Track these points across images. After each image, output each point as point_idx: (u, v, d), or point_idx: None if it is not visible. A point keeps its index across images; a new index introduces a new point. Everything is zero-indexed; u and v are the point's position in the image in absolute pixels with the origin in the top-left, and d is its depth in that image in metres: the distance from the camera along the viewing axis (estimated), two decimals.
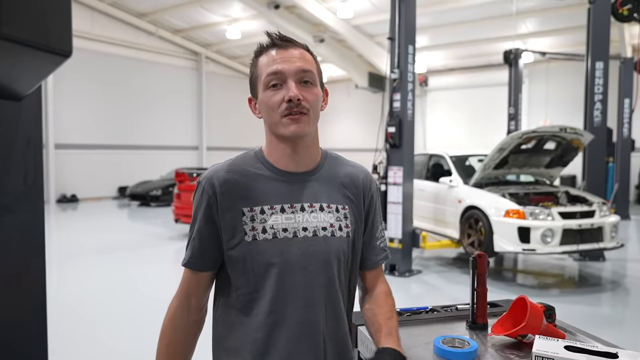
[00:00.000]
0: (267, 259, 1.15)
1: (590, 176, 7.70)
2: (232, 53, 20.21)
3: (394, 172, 6.43)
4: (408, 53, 6.35)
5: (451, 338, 1.29)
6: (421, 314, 1.55)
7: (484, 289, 1.44)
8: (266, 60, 1.18)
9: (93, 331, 4.52)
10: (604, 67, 7.54)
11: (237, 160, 1.25)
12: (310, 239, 1.18)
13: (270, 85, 1.16)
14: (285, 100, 1.13)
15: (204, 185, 1.20)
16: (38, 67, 0.68)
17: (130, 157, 17.33)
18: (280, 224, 1.17)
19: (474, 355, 1.23)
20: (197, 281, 1.23)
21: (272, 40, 1.20)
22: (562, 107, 16.46)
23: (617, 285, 6.32)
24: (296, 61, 1.16)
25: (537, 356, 1.08)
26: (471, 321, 1.44)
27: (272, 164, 1.22)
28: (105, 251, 8.18)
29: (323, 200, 1.22)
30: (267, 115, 1.19)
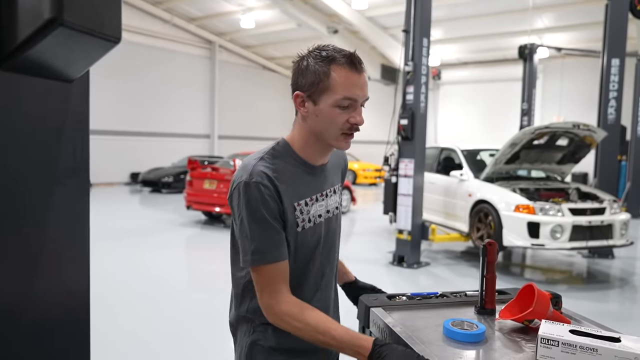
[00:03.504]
0: (311, 243, 1.36)
1: (602, 173, 7.67)
2: (246, 42, 20.23)
3: (405, 165, 6.46)
4: (422, 46, 6.35)
5: (460, 321, 1.33)
6: (431, 298, 1.60)
7: (493, 276, 1.47)
8: (343, 79, 1.24)
9: (107, 313, 4.63)
10: (620, 64, 7.49)
11: (273, 159, 1.31)
12: (329, 218, 1.42)
13: (341, 106, 1.25)
14: (351, 123, 1.27)
15: (261, 182, 1.24)
16: (90, 52, 0.74)
17: (143, 144, 17.49)
18: (317, 211, 1.37)
19: (481, 337, 1.27)
20: (285, 270, 1.28)
21: (351, 61, 1.26)
22: (577, 103, 16.32)
23: (626, 283, 6.33)
24: (365, 88, 1.29)
25: (543, 338, 1.12)
26: (480, 306, 1.48)
27: (304, 159, 1.35)
28: (119, 236, 8.32)
29: (333, 184, 1.46)
30: (325, 126, 1.28)
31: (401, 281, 5.95)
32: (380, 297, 1.57)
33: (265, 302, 1.25)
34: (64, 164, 0.79)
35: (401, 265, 6.49)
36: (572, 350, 1.08)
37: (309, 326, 1.21)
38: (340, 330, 1.20)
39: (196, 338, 4.06)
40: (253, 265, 1.25)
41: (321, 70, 1.25)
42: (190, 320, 4.48)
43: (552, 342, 1.11)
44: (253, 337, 1.36)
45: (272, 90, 23.01)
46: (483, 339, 1.27)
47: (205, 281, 6.04)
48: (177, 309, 4.80)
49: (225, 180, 8.82)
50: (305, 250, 1.34)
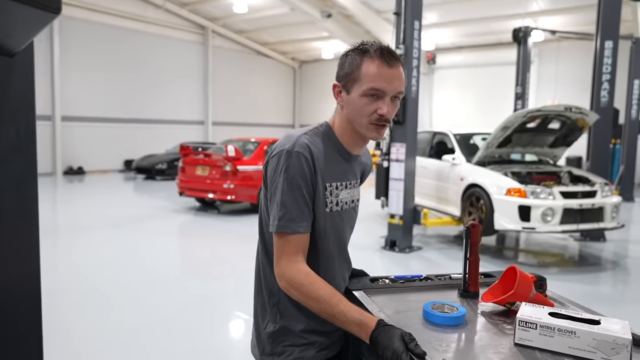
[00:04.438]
0: (337, 227, 1.42)
1: (594, 157, 7.66)
2: (239, 27, 20.02)
3: (396, 149, 6.43)
4: (414, 29, 6.29)
5: (441, 304, 1.32)
6: (415, 281, 1.59)
7: (476, 259, 1.46)
8: (372, 70, 1.30)
9: (102, 300, 4.63)
10: (613, 46, 7.44)
11: (316, 137, 1.38)
12: (352, 208, 1.50)
13: (368, 95, 1.31)
14: (379, 113, 1.31)
15: (303, 153, 1.30)
16: (28, 23, 0.70)
17: (137, 131, 17.39)
18: (345, 197, 1.43)
19: (461, 320, 1.26)
20: (306, 242, 1.33)
21: (382, 53, 1.31)
22: (572, 87, 16.26)
23: (617, 266, 6.36)
24: (396, 82, 1.31)
25: (521, 321, 1.11)
26: (463, 289, 1.47)
27: (343, 145, 1.42)
28: (112, 223, 8.29)
29: (357, 177, 1.53)
30: (355, 115, 1.35)
31: (393, 265, 5.96)
32: (363, 281, 1.56)
33: (281, 269, 1.29)
34: (7, 142, 0.76)
35: (393, 250, 6.50)
36: (550, 333, 1.08)
37: (320, 297, 1.24)
38: (349, 305, 1.23)
39: (189, 325, 4.06)
40: (278, 231, 1.29)
41: (354, 62, 1.33)
42: (183, 307, 4.48)
43: (530, 324, 1.10)
44: (280, 322, 1.40)
45: (267, 76, 22.85)
46: (463, 322, 1.26)
47: (198, 268, 6.03)
48: (170, 296, 4.80)
49: (218, 166, 8.79)
50: (329, 233, 1.39)
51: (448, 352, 1.11)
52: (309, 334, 1.39)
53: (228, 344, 3.71)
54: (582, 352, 1.05)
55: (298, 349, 1.39)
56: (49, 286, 4.99)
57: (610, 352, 1.03)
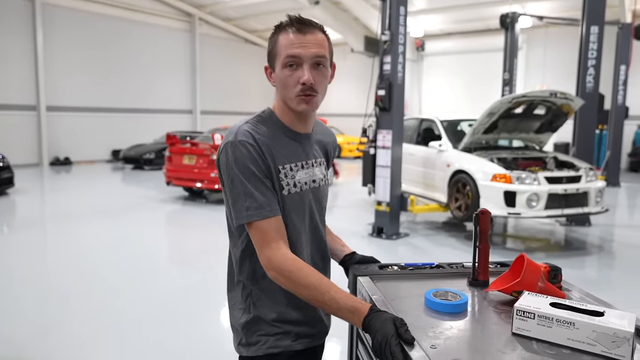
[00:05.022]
0: (297, 208, 1.39)
1: (580, 142, 7.71)
2: (227, 15, 19.80)
3: (383, 136, 6.42)
4: (399, 14, 6.24)
5: (444, 291, 1.29)
6: (425, 269, 1.55)
7: (486, 246, 1.43)
8: (285, 41, 1.31)
9: (89, 291, 4.60)
10: (598, 31, 7.44)
11: (258, 123, 1.37)
12: (317, 188, 1.46)
13: (287, 65, 1.31)
14: (300, 82, 1.30)
15: (248, 141, 1.29)
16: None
17: (124, 120, 17.21)
18: (303, 178, 1.41)
19: (462, 308, 1.23)
20: (281, 225, 1.32)
21: (291, 22, 1.32)
22: (561, 72, 16.30)
23: (602, 250, 6.43)
24: (312, 47, 1.30)
25: (519, 310, 1.09)
26: (472, 278, 1.43)
27: (287, 126, 1.40)
28: (100, 214, 8.23)
29: (317, 156, 1.49)
30: (283, 90, 1.35)
31: (380, 252, 5.98)
32: (371, 267, 1.54)
33: (266, 258, 1.27)
34: None
35: (380, 237, 6.52)
36: (549, 324, 1.05)
37: (309, 284, 1.22)
38: (340, 291, 1.21)
39: (177, 315, 4.05)
40: (249, 221, 1.28)
41: (272, 39, 1.35)
42: (171, 296, 4.47)
43: (528, 314, 1.08)
44: (253, 312, 1.40)
45: (255, 64, 22.63)
46: (464, 310, 1.23)
47: (186, 257, 6.01)
48: (158, 285, 4.79)
49: (205, 155, 8.73)
50: (292, 215, 1.37)
51: (439, 339, 1.08)
52: (282, 323, 1.39)
53: (218, 333, 3.71)
54: (581, 344, 1.02)
55: (272, 339, 1.38)
56: (37, 277, 4.96)
57: (611, 345, 1.00)
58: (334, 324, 1.55)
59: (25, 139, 14.88)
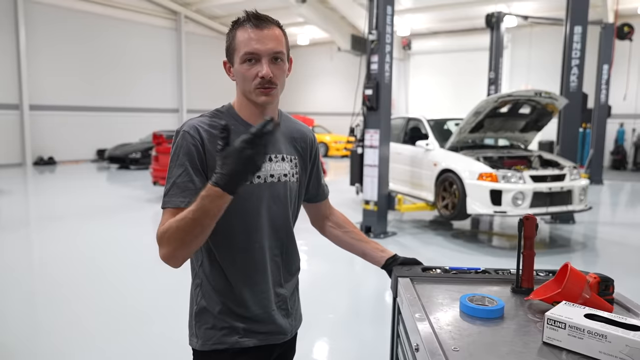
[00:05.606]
0: (246, 200, 1.37)
1: (564, 141, 7.81)
2: (212, 13, 19.69)
3: (370, 135, 6.44)
4: (387, 14, 6.26)
5: (481, 296, 1.27)
6: (470, 273, 1.53)
7: (531, 253, 1.39)
8: (243, 37, 1.33)
9: (75, 292, 4.55)
10: (582, 31, 7.55)
11: (212, 116, 1.42)
12: (276, 184, 1.44)
13: (246, 60, 1.34)
14: (259, 76, 1.33)
15: (190, 132, 1.34)
16: None
17: (109, 119, 17.03)
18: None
19: (496, 314, 1.21)
20: None
21: (248, 17, 1.35)
22: (545, 72, 16.49)
23: (585, 246, 6.53)
24: (269, 42, 1.33)
25: (549, 319, 1.06)
26: (516, 285, 1.40)
27: (244, 120, 1.42)
28: (85, 214, 8.14)
29: (282, 152, 1.47)
30: (242, 83, 1.38)
31: None
32: (414, 269, 1.53)
33: (156, 236, 1.28)
34: None
35: (368, 236, 6.52)
36: (580, 335, 1.02)
37: (178, 224, 1.21)
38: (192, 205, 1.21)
39: (164, 313, 4.03)
40: (163, 207, 1.32)
41: (230, 34, 1.38)
42: (158, 296, 4.44)
43: (559, 324, 1.05)
44: (201, 303, 1.43)
45: None
46: (498, 316, 1.21)
47: None
48: (145, 284, 4.76)
49: None
50: (241, 205, 1.36)
51: (463, 342, 1.06)
52: (228, 317, 1.40)
53: None
54: (613, 358, 0.98)
55: (219, 334, 1.41)
56: (23, 279, 4.89)
57: None
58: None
59: (8, 138, 14.65)
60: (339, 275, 5.31)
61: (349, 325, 4.00)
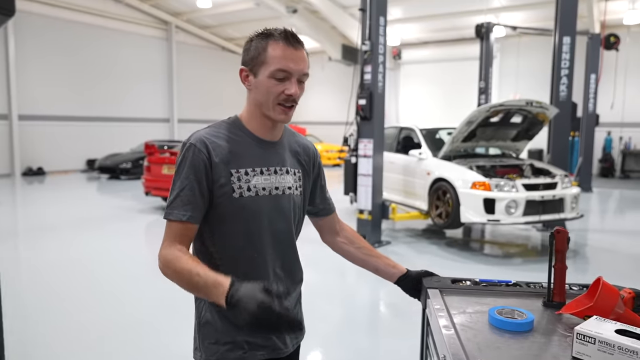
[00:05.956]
0: (252, 212, 1.40)
1: (554, 149, 7.90)
2: (203, 23, 19.71)
3: (364, 145, 6.47)
4: (379, 25, 6.33)
5: (511, 309, 1.26)
6: (501, 286, 1.52)
7: (563, 266, 1.37)
8: (277, 52, 1.34)
9: (70, 302, 4.50)
10: (571, 42, 7.67)
11: (219, 128, 1.42)
12: (281, 196, 1.45)
13: (276, 77, 1.34)
14: (286, 94, 1.35)
15: (196, 145, 1.35)
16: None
17: (99, 129, 16.93)
18: (261, 184, 1.41)
19: (526, 327, 1.20)
20: (189, 232, 1.36)
21: (286, 35, 1.36)
22: (533, 81, 16.71)
23: (577, 254, 6.58)
24: (301, 63, 1.37)
25: (579, 334, 1.05)
26: (547, 299, 1.39)
27: (251, 131, 1.44)
28: (75, 225, 8.06)
29: (287, 165, 1.49)
30: (262, 97, 1.37)
31: None
32: (444, 281, 1.53)
33: (159, 251, 1.33)
34: None
35: None
36: (610, 350, 1.00)
37: (182, 269, 1.26)
38: (207, 270, 1.24)
39: (159, 325, 4.00)
40: (165, 218, 1.35)
41: (260, 45, 1.37)
42: (153, 307, 4.40)
43: (589, 338, 1.03)
44: (205, 316, 1.44)
45: (232, 72, 22.47)
46: (528, 330, 1.20)
47: None
48: (139, 296, 4.71)
49: None
50: (244, 218, 1.39)
51: (489, 355, 1.04)
52: (231, 331, 1.39)
53: None
54: None
55: (223, 349, 1.40)
56: (13, 290, 4.82)
57: None
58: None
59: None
60: (331, 286, 5.30)
61: (343, 335, 3.99)
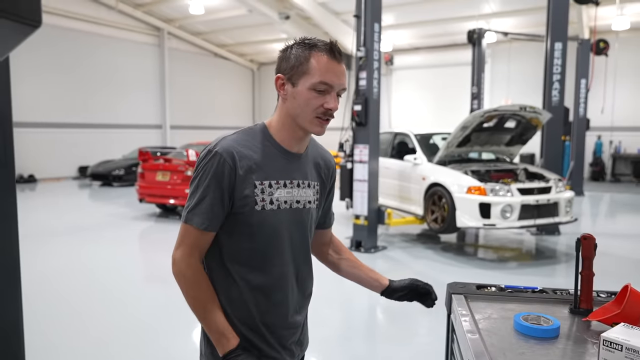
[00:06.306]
0: (272, 226, 1.37)
1: (547, 153, 7.98)
2: (196, 29, 19.71)
3: (359, 150, 6.49)
4: (374, 31, 6.37)
5: (537, 315, 1.26)
6: (527, 293, 1.52)
7: (590, 273, 1.35)
8: (321, 64, 1.31)
9: (65, 309, 4.46)
10: (562, 48, 7.76)
11: (246, 136, 1.38)
12: (301, 210, 1.44)
13: (317, 89, 1.31)
14: (326, 107, 1.33)
15: (222, 154, 1.31)
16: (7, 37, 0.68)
17: (91, 136, 16.83)
18: (283, 197, 1.39)
19: (552, 334, 1.19)
20: (206, 241, 1.35)
21: (331, 49, 1.33)
22: (523, 86, 16.88)
23: (571, 257, 6.63)
24: (342, 78, 1.35)
25: (605, 340, 1.04)
26: (574, 306, 1.38)
27: (278, 142, 1.40)
28: (69, 233, 7.99)
29: (308, 178, 1.46)
30: (300, 108, 1.34)
31: None
32: (468, 286, 1.53)
33: (177, 256, 1.33)
34: None
35: (359, 250, 6.56)
36: (637, 357, 1.00)
37: (197, 296, 1.31)
38: (219, 315, 1.31)
39: (155, 332, 3.97)
40: (184, 222, 1.34)
41: (302, 55, 1.33)
42: (149, 315, 4.37)
43: (616, 345, 1.03)
44: None
45: (225, 78, 22.59)
46: (554, 336, 1.19)
47: (162, 275, 5.89)
48: (134, 304, 4.68)
49: (179, 171, 8.62)
50: (264, 232, 1.37)
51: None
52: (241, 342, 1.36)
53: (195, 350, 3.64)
54: None
55: None
56: None
57: None
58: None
59: None
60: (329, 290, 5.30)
61: (341, 340, 3.99)
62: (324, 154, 1.57)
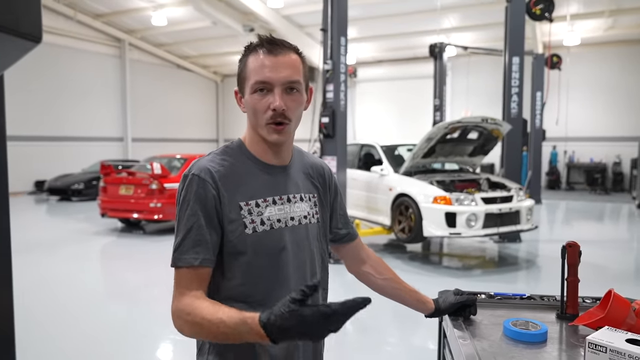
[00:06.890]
0: (269, 249, 1.23)
1: (507, 164, 8.25)
2: (158, 40, 19.45)
3: (327, 162, 6.53)
4: (340, 44, 6.47)
5: (525, 321, 1.29)
6: (515, 299, 1.55)
7: (575, 280, 1.39)
8: (255, 64, 1.20)
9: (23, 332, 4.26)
10: (519, 62, 8.09)
11: (222, 155, 1.26)
12: (297, 227, 1.29)
13: (257, 90, 1.20)
14: (271, 108, 1.18)
15: (199, 174, 1.18)
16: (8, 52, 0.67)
17: (48, 149, 16.26)
18: (275, 215, 1.25)
19: (539, 339, 1.23)
20: (203, 277, 1.17)
21: (261, 42, 1.21)
22: (482, 98, 17.44)
23: (532, 264, 6.86)
24: (283, 70, 1.19)
25: (591, 343, 1.07)
26: (560, 311, 1.42)
27: (256, 157, 1.27)
28: (28, 249, 7.66)
29: (301, 191, 1.33)
30: (253, 117, 1.23)
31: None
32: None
33: (172, 310, 1.15)
34: None
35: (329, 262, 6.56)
36: (620, 358, 1.02)
37: (203, 318, 1.07)
38: (227, 312, 1.05)
39: (114, 352, 3.86)
40: (173, 266, 1.17)
41: (242, 61, 1.24)
42: (109, 334, 4.24)
43: (600, 347, 1.05)
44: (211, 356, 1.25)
45: (188, 90, 22.36)
46: (541, 341, 1.23)
47: (124, 291, 5.74)
48: (94, 323, 4.53)
49: (143, 184, 8.44)
50: (263, 257, 1.22)
51: None
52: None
53: None
54: None
55: None
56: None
57: None
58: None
59: None
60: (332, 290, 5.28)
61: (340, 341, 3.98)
62: (313, 161, 1.44)
